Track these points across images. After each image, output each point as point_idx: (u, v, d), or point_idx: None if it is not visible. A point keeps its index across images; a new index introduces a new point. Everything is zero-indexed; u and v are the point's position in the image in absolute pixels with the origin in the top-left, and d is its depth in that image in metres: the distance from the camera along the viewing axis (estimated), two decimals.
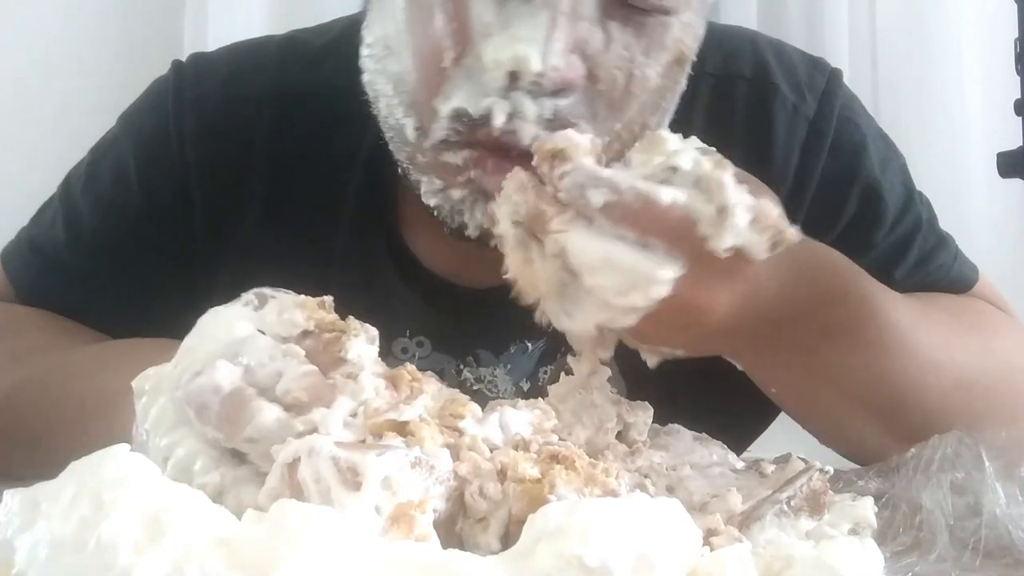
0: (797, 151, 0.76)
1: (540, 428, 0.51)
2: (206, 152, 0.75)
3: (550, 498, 0.43)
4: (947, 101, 1.66)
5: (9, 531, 0.37)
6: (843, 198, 0.76)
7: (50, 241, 0.79)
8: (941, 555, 0.49)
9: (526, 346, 0.78)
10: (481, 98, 0.57)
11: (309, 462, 0.41)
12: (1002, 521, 0.51)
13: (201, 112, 0.76)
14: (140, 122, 0.79)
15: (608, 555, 0.37)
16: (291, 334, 0.48)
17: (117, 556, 0.35)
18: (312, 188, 0.75)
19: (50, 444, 0.63)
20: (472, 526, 0.45)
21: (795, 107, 0.76)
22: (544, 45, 0.55)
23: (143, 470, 0.38)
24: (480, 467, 0.45)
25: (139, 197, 0.77)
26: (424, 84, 0.60)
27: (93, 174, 0.79)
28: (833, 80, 0.78)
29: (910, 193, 0.79)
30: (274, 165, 0.76)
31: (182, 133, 0.75)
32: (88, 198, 0.79)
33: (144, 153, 0.77)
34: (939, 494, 0.53)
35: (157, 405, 0.47)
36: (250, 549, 0.36)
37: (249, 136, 0.75)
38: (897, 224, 0.77)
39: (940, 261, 0.79)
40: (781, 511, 0.50)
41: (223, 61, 0.79)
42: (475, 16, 0.57)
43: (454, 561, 0.38)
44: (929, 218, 0.80)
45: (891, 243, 0.77)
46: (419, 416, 0.46)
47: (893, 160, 0.80)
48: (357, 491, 0.41)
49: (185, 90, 0.77)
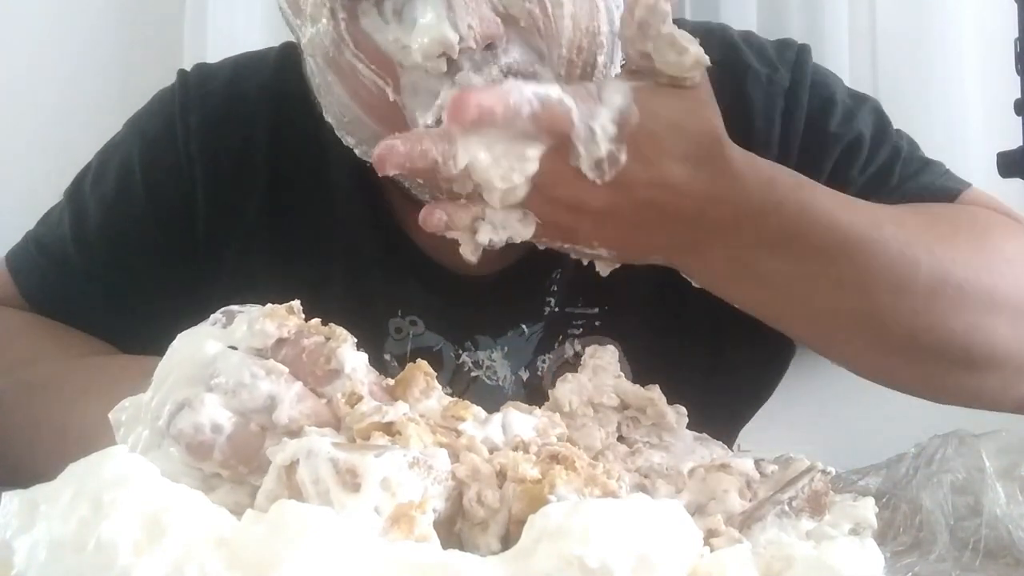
0: (778, 120, 0.78)
1: (544, 433, 0.51)
2: (209, 144, 0.79)
3: (550, 498, 0.43)
4: (947, 101, 1.66)
5: (8, 533, 0.37)
6: (821, 153, 0.78)
7: (56, 240, 0.82)
8: (941, 555, 0.49)
9: (523, 329, 0.80)
10: (433, 100, 0.59)
11: (307, 464, 0.41)
12: (1002, 521, 0.51)
13: (205, 108, 0.80)
14: (146, 124, 0.83)
15: (608, 556, 0.37)
16: (265, 345, 0.47)
17: (117, 557, 0.35)
18: (310, 179, 0.78)
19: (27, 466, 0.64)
20: (471, 527, 0.45)
21: (769, 78, 0.78)
22: (449, 15, 0.57)
23: (142, 471, 0.38)
24: (479, 470, 0.45)
25: (143, 196, 0.79)
26: (388, 126, 0.62)
27: (100, 175, 0.83)
28: (803, 52, 0.81)
29: (884, 127, 0.80)
30: (273, 158, 0.79)
31: (187, 129, 0.79)
32: (95, 198, 0.81)
33: (149, 153, 0.80)
34: (939, 494, 0.53)
35: (134, 435, 0.47)
36: (250, 549, 0.36)
37: (249, 131, 0.79)
38: (873, 157, 0.78)
39: (922, 181, 0.78)
40: (782, 511, 0.50)
41: (226, 66, 0.84)
42: (383, 44, 0.61)
43: (454, 562, 0.38)
44: (911, 149, 0.80)
45: (870, 175, 0.77)
46: (404, 415, 0.46)
47: (863, 103, 0.81)
48: (356, 492, 0.40)
49: (190, 90, 0.81)
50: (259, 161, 0.79)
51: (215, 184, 0.79)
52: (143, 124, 0.84)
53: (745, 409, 0.89)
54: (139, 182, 0.80)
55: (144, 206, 0.80)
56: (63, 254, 0.81)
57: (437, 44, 0.57)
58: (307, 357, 0.47)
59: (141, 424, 0.47)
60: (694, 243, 0.61)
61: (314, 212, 0.79)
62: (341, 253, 0.79)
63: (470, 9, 0.58)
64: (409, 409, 0.47)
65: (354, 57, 0.62)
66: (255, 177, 0.79)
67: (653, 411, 0.58)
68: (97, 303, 0.80)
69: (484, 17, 0.59)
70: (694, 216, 0.59)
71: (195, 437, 0.44)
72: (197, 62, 0.87)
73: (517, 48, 0.61)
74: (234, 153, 0.79)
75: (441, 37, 0.57)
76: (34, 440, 0.66)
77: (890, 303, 0.62)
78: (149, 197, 0.80)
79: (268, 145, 0.79)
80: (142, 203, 0.80)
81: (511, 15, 0.61)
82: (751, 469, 0.55)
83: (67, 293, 0.81)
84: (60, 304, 0.81)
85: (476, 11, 0.58)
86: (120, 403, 0.49)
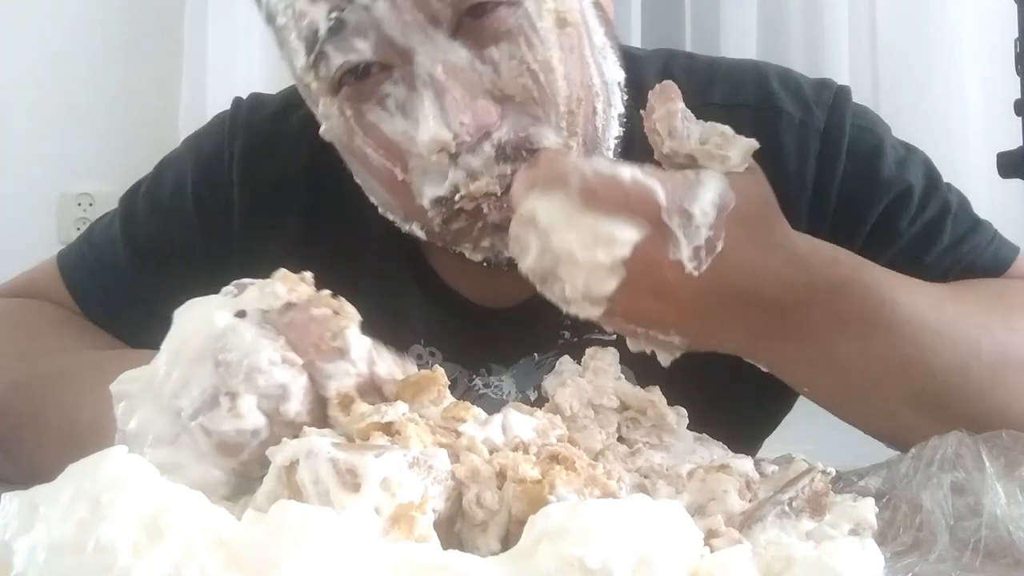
0: (812, 162, 0.78)
1: (544, 434, 0.51)
2: (248, 171, 0.84)
3: (550, 499, 0.43)
4: (947, 101, 1.66)
5: (7, 534, 0.37)
6: (867, 199, 0.77)
7: (106, 241, 0.87)
8: (941, 555, 0.49)
9: (534, 357, 0.81)
10: (442, 181, 0.65)
11: (307, 464, 0.41)
12: (1002, 521, 0.51)
13: (249, 136, 0.85)
14: (202, 142, 0.89)
15: (609, 556, 0.37)
16: (273, 307, 0.48)
17: (116, 558, 0.34)
18: (344, 214, 0.82)
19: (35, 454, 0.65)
20: (471, 528, 0.45)
21: (803, 122, 0.78)
22: (442, 116, 0.62)
23: (141, 471, 0.38)
24: (478, 471, 0.45)
25: (193, 207, 0.84)
26: (400, 200, 0.70)
27: (155, 184, 0.88)
28: (841, 94, 0.81)
29: (935, 181, 0.79)
30: (310, 191, 0.84)
31: (232, 153, 0.85)
32: (148, 204, 0.87)
33: (201, 166, 0.86)
34: (939, 494, 0.53)
35: (141, 413, 0.47)
36: (250, 550, 0.36)
37: (287, 165, 0.84)
38: (923, 210, 0.77)
39: (973, 243, 0.77)
40: (783, 512, 0.50)
41: (275, 99, 0.89)
42: (392, 133, 0.67)
43: (455, 562, 0.38)
44: (961, 204, 0.79)
45: (918, 230, 0.77)
46: (403, 415, 0.46)
47: (914, 154, 0.80)
48: (356, 492, 0.40)
49: (239, 118, 0.87)
50: (294, 193, 0.83)
51: (250, 209, 0.84)
52: (200, 141, 0.89)
53: (767, 426, 0.89)
54: (190, 194, 0.85)
55: (193, 216, 0.84)
56: (112, 255, 0.86)
57: (435, 143, 0.63)
58: (314, 326, 0.48)
59: (151, 402, 0.47)
60: (769, 329, 0.60)
61: (347, 244, 0.83)
62: (370, 281, 0.82)
63: (462, 106, 0.63)
64: (408, 409, 0.47)
65: (364, 144, 0.68)
66: (289, 207, 0.83)
67: (653, 412, 0.58)
68: (138, 303, 0.83)
69: (477, 110, 0.63)
70: (772, 302, 0.59)
71: (234, 438, 0.45)
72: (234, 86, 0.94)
73: (511, 120, 0.65)
74: (271, 183, 0.83)
75: (437, 137, 0.62)
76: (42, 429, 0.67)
77: (957, 384, 0.62)
78: (197, 208, 0.84)
79: (305, 179, 0.83)
80: (191, 213, 0.84)
81: (507, 95, 0.65)
82: (751, 470, 0.55)
83: (111, 292, 0.85)
84: (103, 301, 0.85)
85: (469, 106, 0.63)
86: (123, 374, 0.49)
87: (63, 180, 1.92)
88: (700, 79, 0.81)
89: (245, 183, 0.84)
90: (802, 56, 1.71)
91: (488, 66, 0.65)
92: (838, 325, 0.61)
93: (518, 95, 0.65)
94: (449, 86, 0.63)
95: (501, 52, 0.65)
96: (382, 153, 0.68)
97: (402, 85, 0.65)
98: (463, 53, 0.64)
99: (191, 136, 0.91)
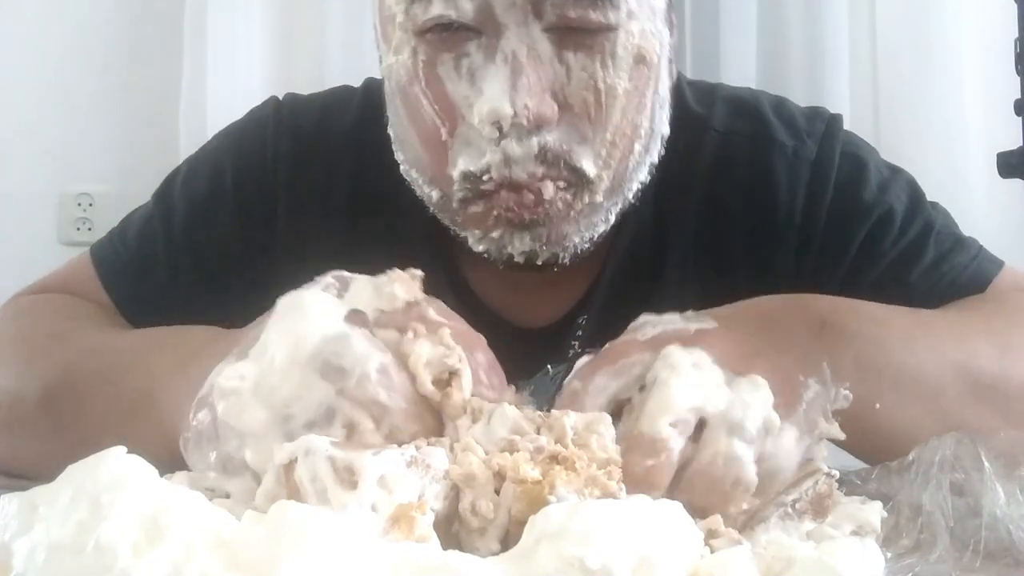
0: (802, 191, 0.80)
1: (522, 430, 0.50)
2: (296, 173, 0.85)
3: (550, 499, 0.43)
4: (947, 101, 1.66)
5: (7, 535, 0.37)
6: (850, 224, 0.79)
7: (141, 235, 0.86)
8: (941, 556, 0.49)
9: (548, 370, 0.83)
10: (479, 158, 0.67)
11: (306, 462, 0.41)
12: (1002, 521, 0.51)
13: (296, 138, 0.86)
14: (240, 137, 0.89)
15: (609, 556, 0.37)
16: (394, 308, 0.51)
17: (116, 558, 0.35)
18: (385, 226, 0.83)
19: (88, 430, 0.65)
20: (469, 533, 0.45)
21: (795, 151, 0.81)
22: (511, 93, 0.65)
23: (140, 472, 0.38)
24: (474, 476, 0.45)
25: (232, 202, 0.85)
26: (433, 160, 0.71)
27: (191, 177, 0.88)
28: (833, 123, 0.83)
29: (918, 200, 0.81)
30: (352, 203, 0.84)
31: (277, 152, 0.85)
32: (185, 197, 0.86)
33: (241, 164, 0.86)
34: (939, 495, 0.53)
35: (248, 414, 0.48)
36: (249, 550, 0.36)
37: (331, 174, 0.85)
38: (906, 229, 0.78)
39: (956, 261, 0.78)
40: (786, 514, 0.50)
41: (316, 102, 0.89)
42: (453, 93, 0.68)
43: (455, 563, 0.38)
44: (945, 223, 0.81)
45: (902, 248, 0.78)
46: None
47: (898, 175, 0.82)
48: (353, 490, 0.41)
49: (284, 119, 0.87)
50: (337, 202, 0.84)
51: (296, 208, 0.84)
52: (236, 136, 0.89)
53: None
54: (229, 189, 0.85)
55: (231, 210, 0.84)
56: (150, 248, 0.85)
57: (493, 114, 0.65)
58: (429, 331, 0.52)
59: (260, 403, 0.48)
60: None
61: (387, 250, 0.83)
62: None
63: (532, 91, 0.65)
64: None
65: (422, 93, 0.70)
66: (332, 217, 0.84)
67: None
68: (172, 297, 0.83)
69: (544, 102, 0.66)
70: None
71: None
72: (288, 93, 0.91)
73: (562, 129, 0.67)
74: (318, 188, 0.84)
75: (498, 109, 0.64)
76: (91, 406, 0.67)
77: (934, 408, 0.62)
78: (236, 202, 0.84)
79: (348, 191, 0.84)
80: (230, 207, 0.84)
81: (568, 102, 0.67)
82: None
83: (146, 285, 0.85)
84: (138, 295, 0.84)
85: (537, 94, 0.65)
86: (228, 369, 0.50)
87: (63, 180, 1.91)
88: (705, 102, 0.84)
89: (292, 183, 0.85)
90: (802, 56, 1.71)
91: (563, 67, 0.67)
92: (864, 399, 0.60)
93: (577, 106, 0.67)
94: (528, 70, 0.65)
95: (578, 61, 0.67)
96: (436, 107, 0.69)
97: (481, 54, 0.67)
98: (547, 47, 0.67)
99: (226, 130, 0.91)
